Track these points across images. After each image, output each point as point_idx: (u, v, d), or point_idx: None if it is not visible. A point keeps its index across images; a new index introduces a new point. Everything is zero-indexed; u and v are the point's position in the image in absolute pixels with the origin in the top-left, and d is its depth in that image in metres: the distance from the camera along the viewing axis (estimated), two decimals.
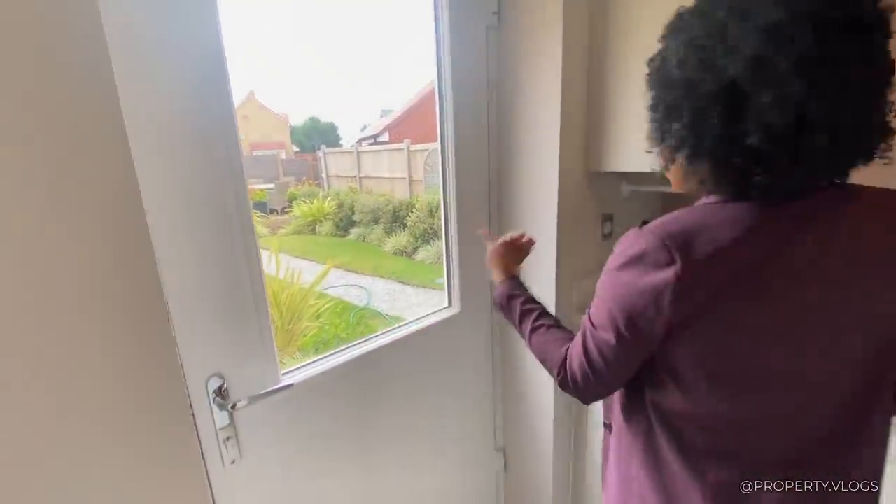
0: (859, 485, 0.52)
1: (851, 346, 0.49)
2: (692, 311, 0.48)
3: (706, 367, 0.51)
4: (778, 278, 0.47)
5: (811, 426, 0.52)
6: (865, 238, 0.48)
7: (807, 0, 0.40)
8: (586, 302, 1.31)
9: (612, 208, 1.39)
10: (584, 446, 1.42)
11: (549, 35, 1.09)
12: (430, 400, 1.26)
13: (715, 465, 0.53)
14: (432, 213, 5.48)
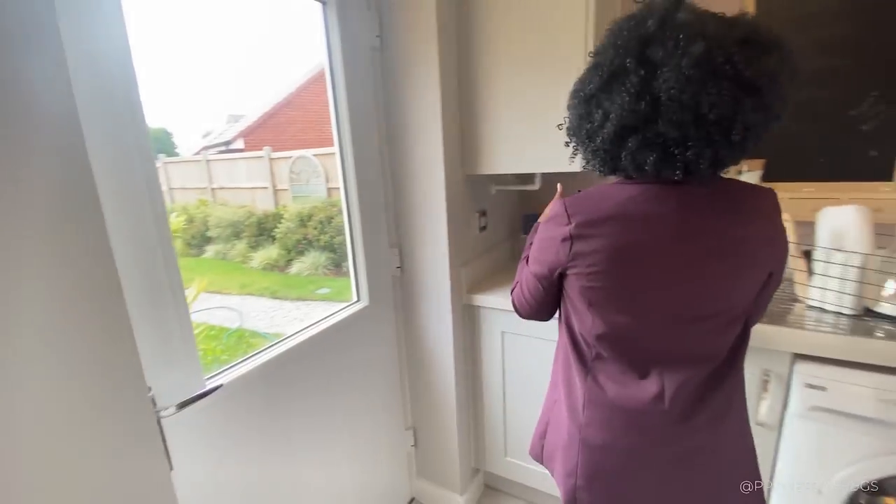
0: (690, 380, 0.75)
1: (716, 300, 0.71)
2: (577, 256, 0.70)
3: (586, 297, 0.73)
4: (661, 239, 0.67)
5: (678, 343, 0.73)
6: (716, 214, 0.67)
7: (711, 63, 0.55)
8: (474, 283, 1.56)
9: (485, 205, 1.67)
10: (483, 420, 1.66)
11: (427, 57, 1.29)
12: (345, 388, 1.35)
13: (596, 364, 0.77)
14: (304, 223, 5.33)
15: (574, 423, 0.80)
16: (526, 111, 1.32)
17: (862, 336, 1.07)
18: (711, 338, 0.73)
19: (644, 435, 0.75)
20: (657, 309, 0.71)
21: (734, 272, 0.70)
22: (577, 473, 0.79)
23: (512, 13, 1.27)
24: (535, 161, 1.36)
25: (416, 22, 1.27)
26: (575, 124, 0.71)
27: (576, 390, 0.80)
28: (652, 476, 0.77)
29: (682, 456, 0.76)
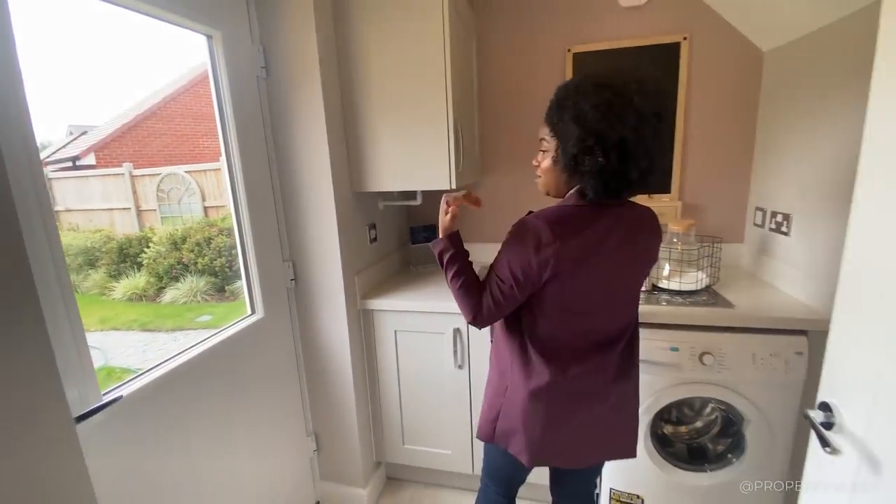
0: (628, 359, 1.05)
1: (629, 289, 1.02)
2: (560, 271, 0.88)
3: (559, 304, 0.93)
4: (602, 251, 0.90)
5: (608, 331, 1.00)
6: (633, 229, 0.95)
7: (653, 98, 0.83)
8: (368, 290, 1.73)
9: (374, 219, 1.85)
10: (381, 415, 1.81)
11: (311, 88, 1.44)
12: (246, 399, 1.40)
13: (554, 349, 0.97)
14: (178, 246, 4.90)
15: (537, 402, 0.99)
16: (406, 136, 1.55)
17: (652, 304, 1.50)
18: (627, 317, 1.04)
19: (593, 397, 1.01)
20: (602, 301, 0.98)
21: (642, 269, 1.03)
22: (540, 437, 1.00)
23: (385, 55, 1.50)
24: (416, 179, 1.59)
25: (300, 56, 1.42)
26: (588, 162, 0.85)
27: (537, 375, 0.98)
28: (595, 422, 1.03)
29: (615, 404, 1.04)
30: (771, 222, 1.68)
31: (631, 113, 0.81)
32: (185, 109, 6.42)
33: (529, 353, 0.99)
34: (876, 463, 0.64)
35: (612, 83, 0.84)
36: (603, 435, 1.06)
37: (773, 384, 1.33)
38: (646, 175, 0.86)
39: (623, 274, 0.97)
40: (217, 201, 5.34)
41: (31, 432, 0.64)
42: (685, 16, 1.77)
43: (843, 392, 0.71)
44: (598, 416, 1.03)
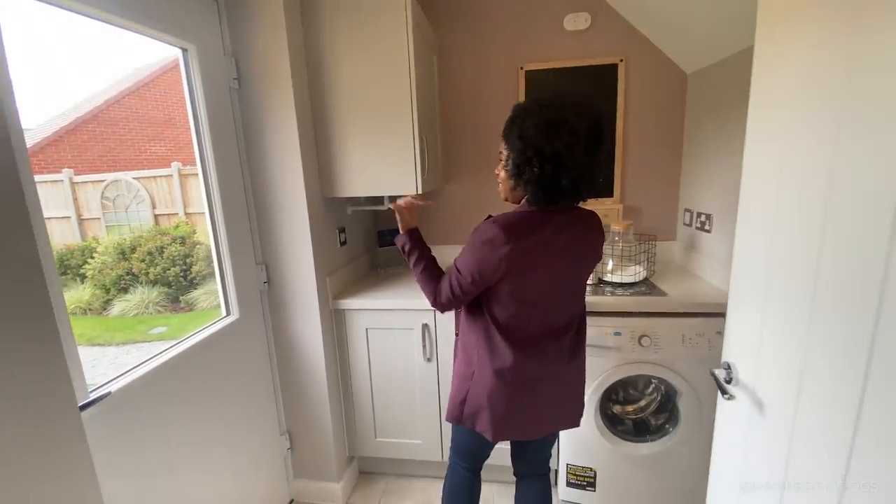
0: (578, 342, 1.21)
1: (576, 283, 1.16)
2: (513, 269, 1.02)
3: (514, 296, 1.08)
4: (551, 250, 1.04)
5: (559, 320, 1.14)
6: (578, 230, 1.08)
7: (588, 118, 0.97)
8: (339, 291, 1.81)
9: (343, 223, 1.94)
10: (354, 410, 1.89)
11: (284, 99, 1.52)
12: (222, 399, 1.44)
13: (517, 337, 1.11)
14: (126, 256, 4.69)
15: (501, 382, 1.13)
16: (375, 145, 1.66)
17: (599, 295, 1.69)
18: (576, 308, 1.19)
19: (550, 378, 1.16)
20: (553, 294, 1.12)
21: (587, 265, 1.17)
22: (505, 414, 1.15)
23: (353, 68, 1.61)
24: (385, 185, 1.70)
25: (271, 68, 1.50)
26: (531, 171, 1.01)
27: (501, 358, 1.12)
28: (550, 399, 1.18)
29: (564, 384, 1.19)
30: (696, 222, 1.93)
31: (566, 132, 0.96)
32: (131, 113, 6.13)
33: (494, 338, 1.12)
34: (760, 403, 0.82)
35: (554, 105, 0.99)
36: (556, 410, 1.22)
37: (700, 360, 1.55)
38: (577, 184, 1.00)
39: (570, 270, 1.11)
40: (169, 209, 5.14)
41: (42, 416, 0.69)
42: (621, 40, 2.00)
43: (738, 353, 0.90)
44: (553, 394, 1.18)
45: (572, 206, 1.11)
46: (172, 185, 4.99)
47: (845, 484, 0.62)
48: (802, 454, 0.71)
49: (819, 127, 0.67)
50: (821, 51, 0.66)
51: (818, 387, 0.68)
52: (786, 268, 0.75)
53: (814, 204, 0.67)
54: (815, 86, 0.68)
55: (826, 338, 0.66)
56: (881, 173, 0.56)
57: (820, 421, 0.68)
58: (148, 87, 6.15)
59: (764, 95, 0.81)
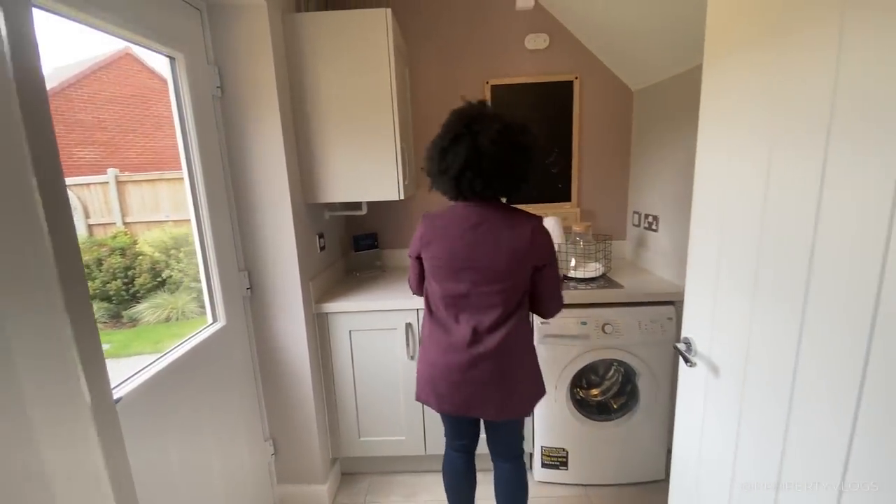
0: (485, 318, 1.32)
1: (481, 268, 1.25)
2: (423, 245, 1.27)
3: (432, 269, 1.26)
4: (447, 235, 1.24)
5: (459, 297, 1.27)
6: (484, 223, 1.24)
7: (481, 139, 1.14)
8: (319, 295, 1.85)
9: (322, 228, 1.97)
10: (338, 412, 1.92)
11: (267, 106, 1.55)
12: (209, 404, 1.44)
13: (432, 311, 1.30)
14: None
15: (427, 358, 1.33)
16: (356, 152, 1.73)
17: (567, 290, 1.86)
18: (492, 298, 1.26)
19: (449, 348, 1.28)
20: (451, 272, 1.26)
21: (496, 255, 1.25)
22: (420, 376, 1.35)
23: (337, 75, 1.67)
24: (366, 191, 1.77)
25: (255, 77, 1.53)
26: (433, 166, 1.24)
27: (424, 327, 1.36)
28: (450, 374, 1.28)
29: (472, 362, 1.26)
30: (644, 222, 2.17)
31: (450, 132, 1.19)
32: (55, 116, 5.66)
33: (430, 304, 1.35)
34: (715, 368, 1.00)
35: (457, 112, 1.22)
36: (468, 392, 1.27)
37: (654, 343, 1.76)
38: (459, 182, 1.20)
39: (468, 254, 1.22)
40: (105, 218, 4.81)
41: (79, 409, 0.72)
42: (576, 60, 2.22)
43: (695, 329, 1.08)
44: (462, 374, 1.26)
45: (496, 205, 1.26)
46: (108, 193, 4.68)
47: (787, 428, 0.80)
48: (752, 407, 0.89)
49: (756, 139, 0.85)
50: (755, 77, 0.85)
51: (762, 351, 0.86)
52: (733, 256, 0.93)
53: (754, 201, 0.86)
54: (752, 107, 0.86)
55: (767, 311, 0.84)
56: (808, 174, 0.74)
57: (765, 378, 0.85)
58: (74, 87, 5.70)
59: (712, 112, 0.99)
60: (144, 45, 1.22)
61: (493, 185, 1.20)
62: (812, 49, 0.71)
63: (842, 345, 0.67)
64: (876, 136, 0.61)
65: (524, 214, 1.26)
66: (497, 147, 1.14)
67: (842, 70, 0.65)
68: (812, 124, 0.71)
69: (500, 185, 1.21)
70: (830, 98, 0.67)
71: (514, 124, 1.18)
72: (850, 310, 0.65)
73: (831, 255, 0.69)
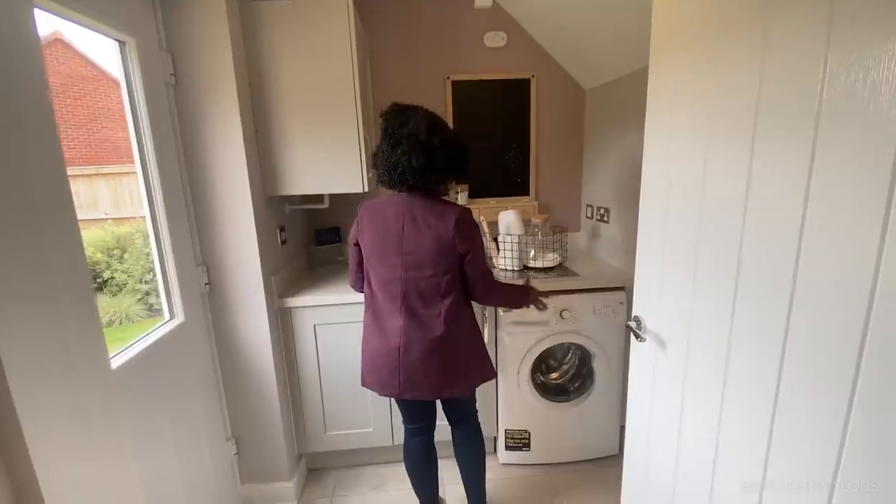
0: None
1: (411, 253, 1.32)
2: (362, 232, 1.37)
3: (367, 254, 1.35)
4: (377, 220, 1.35)
5: (390, 281, 1.34)
6: (415, 211, 1.32)
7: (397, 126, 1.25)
8: (282, 290, 1.82)
9: (283, 222, 1.94)
10: (302, 408, 1.90)
11: (225, 94, 1.50)
12: (167, 404, 1.38)
13: (378, 290, 1.37)
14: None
15: (368, 344, 1.43)
16: (320, 143, 1.72)
17: (524, 279, 1.94)
18: (422, 283, 1.34)
19: (392, 335, 1.36)
20: (382, 256, 1.34)
21: (425, 241, 1.32)
22: (374, 370, 1.42)
23: (297, 63, 1.65)
24: (328, 184, 1.76)
25: (211, 63, 1.48)
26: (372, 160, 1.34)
27: (370, 324, 1.42)
28: (394, 358, 1.36)
29: (407, 346, 1.35)
30: (597, 214, 2.30)
31: (382, 131, 1.34)
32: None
33: (365, 296, 1.43)
34: (662, 342, 1.10)
35: (385, 112, 1.36)
36: (404, 373, 1.36)
37: (607, 327, 1.89)
38: (391, 174, 1.30)
39: (398, 240, 1.33)
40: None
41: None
42: (532, 58, 2.31)
43: (644, 307, 1.18)
44: (393, 349, 1.36)
45: (427, 196, 1.35)
46: None
47: (724, 395, 0.90)
48: (694, 376, 1.00)
49: (694, 134, 0.95)
50: (693, 77, 0.94)
51: (703, 326, 0.96)
52: (675, 239, 1.03)
53: (693, 188, 0.95)
54: (690, 102, 0.96)
55: (706, 287, 0.94)
56: (735, 164, 0.83)
57: (706, 350, 0.96)
58: None
59: (656, 109, 1.09)
60: (92, 28, 1.15)
61: (418, 177, 1.29)
62: (739, 60, 0.80)
63: (767, 316, 0.77)
64: (794, 127, 0.70)
65: (450, 205, 1.36)
66: (420, 145, 1.26)
67: (766, 71, 0.75)
68: (742, 118, 0.81)
69: (424, 179, 1.30)
70: (756, 96, 0.77)
71: (435, 124, 1.31)
72: (774, 285, 0.75)
73: (757, 234, 0.79)
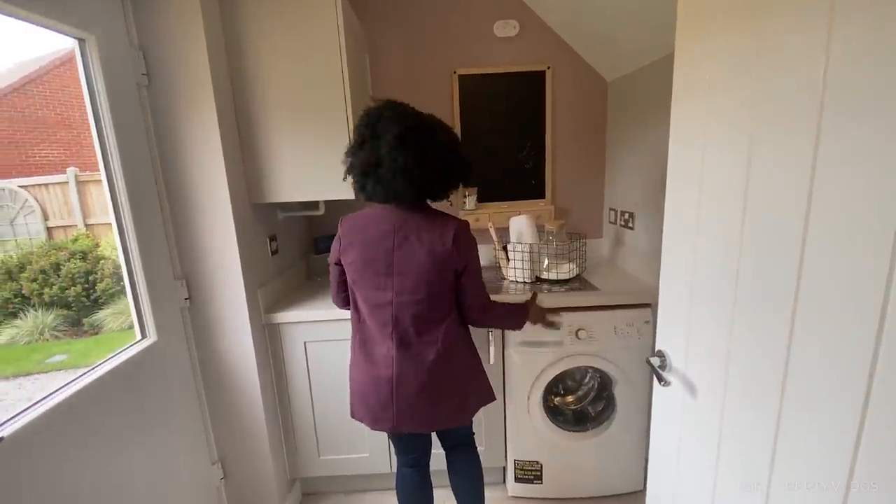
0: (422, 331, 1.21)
1: (403, 271, 1.16)
2: (345, 251, 1.17)
3: (353, 276, 1.17)
4: (364, 238, 1.16)
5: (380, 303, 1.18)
6: (406, 225, 1.15)
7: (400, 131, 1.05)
8: (271, 304, 1.70)
9: (274, 230, 1.82)
10: (293, 430, 1.77)
11: (201, 95, 1.39)
12: (141, 428, 1.28)
13: (366, 314, 1.21)
14: (13, 276, 4.09)
15: (357, 373, 1.26)
16: (308, 147, 1.58)
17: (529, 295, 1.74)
18: (417, 306, 1.18)
19: (383, 364, 1.20)
20: (371, 276, 1.17)
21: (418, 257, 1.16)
22: (363, 402, 1.25)
23: (279, 62, 1.52)
24: (319, 190, 1.62)
25: (186, 61, 1.36)
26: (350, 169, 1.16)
27: (358, 351, 1.26)
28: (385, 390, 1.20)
29: (400, 376, 1.19)
30: (620, 219, 2.06)
31: (356, 136, 1.15)
32: (14, 112, 5.35)
33: (353, 324, 1.27)
34: (691, 387, 0.89)
35: (363, 113, 1.15)
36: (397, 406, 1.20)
37: (631, 349, 1.66)
38: (364, 182, 1.13)
39: (389, 259, 1.16)
40: (64, 220, 4.56)
41: None
42: (548, 48, 2.10)
43: (669, 341, 0.97)
44: (385, 379, 1.19)
45: (418, 207, 1.19)
46: (69, 194, 4.43)
47: (774, 457, 0.69)
48: (732, 431, 0.78)
49: (735, 132, 0.73)
50: (732, 63, 0.73)
51: (743, 368, 0.75)
52: (709, 261, 0.82)
53: (733, 199, 0.74)
54: (729, 96, 0.74)
55: (748, 323, 0.73)
56: (793, 170, 0.62)
57: (746, 400, 0.74)
58: (35, 83, 5.40)
59: (684, 101, 0.87)
60: (41, 25, 1.05)
61: (398, 189, 1.11)
62: (797, 31, 0.59)
63: (843, 362, 0.56)
64: (874, 127, 0.49)
65: (447, 217, 1.20)
66: (397, 152, 1.07)
67: (833, 54, 0.54)
68: (799, 115, 0.59)
69: (408, 190, 1.11)
70: (820, 87, 0.56)
71: (421, 124, 1.12)
72: (852, 324, 0.54)
73: (824, 254, 0.57)
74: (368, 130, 1.11)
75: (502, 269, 1.95)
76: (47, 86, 5.75)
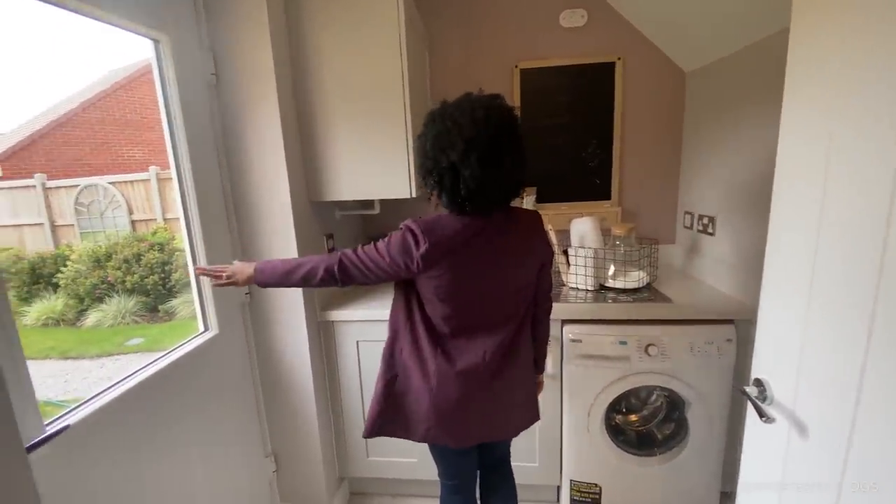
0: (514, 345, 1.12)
1: (504, 285, 1.07)
2: (431, 267, 0.99)
3: (438, 294, 1.03)
4: (467, 252, 1.01)
5: (483, 320, 1.08)
6: (503, 233, 1.05)
7: (485, 127, 0.93)
8: (326, 302, 1.68)
9: (331, 229, 1.82)
10: (344, 429, 1.76)
11: (266, 96, 1.40)
12: (200, 423, 1.32)
13: (441, 337, 1.07)
14: (101, 264, 4.50)
15: (425, 392, 1.07)
16: (365, 146, 1.56)
17: (600, 302, 1.61)
18: (511, 309, 1.10)
19: (474, 384, 1.07)
20: (475, 294, 1.05)
21: (519, 268, 1.09)
22: (441, 421, 1.07)
23: (341, 62, 1.50)
24: (374, 189, 1.60)
25: (252, 62, 1.39)
26: (436, 180, 1.01)
27: (427, 365, 1.07)
28: (475, 409, 1.09)
29: (494, 393, 1.09)
30: (698, 224, 1.87)
31: (460, 143, 0.93)
32: (106, 115, 5.89)
33: (419, 340, 1.09)
34: (803, 428, 0.74)
35: (451, 115, 0.96)
36: (483, 417, 1.12)
37: (709, 369, 1.48)
38: (476, 195, 0.97)
39: (493, 272, 1.05)
40: (146, 214, 4.95)
41: None
42: (618, 38, 1.94)
43: (771, 369, 0.82)
44: (478, 397, 1.09)
45: (503, 209, 1.06)
46: (150, 190, 4.80)
47: None
48: (860, 484, 0.63)
49: (875, 123, 0.59)
50: (873, 40, 0.59)
51: (878, 405, 0.60)
52: (835, 272, 0.68)
53: (872, 203, 0.60)
54: (869, 79, 0.60)
55: (886, 349, 0.58)
56: None
57: (880, 447, 0.60)
58: (125, 89, 5.92)
59: (802, 87, 0.73)
60: (121, 27, 1.09)
61: (511, 194, 1.05)
62: None
63: None
64: None
65: (522, 209, 1.13)
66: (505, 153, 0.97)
67: None
68: None
69: (515, 194, 1.06)
70: None
71: (513, 114, 1.00)
72: None
73: None
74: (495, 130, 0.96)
75: (562, 274, 1.83)
76: (135, 91, 6.24)
